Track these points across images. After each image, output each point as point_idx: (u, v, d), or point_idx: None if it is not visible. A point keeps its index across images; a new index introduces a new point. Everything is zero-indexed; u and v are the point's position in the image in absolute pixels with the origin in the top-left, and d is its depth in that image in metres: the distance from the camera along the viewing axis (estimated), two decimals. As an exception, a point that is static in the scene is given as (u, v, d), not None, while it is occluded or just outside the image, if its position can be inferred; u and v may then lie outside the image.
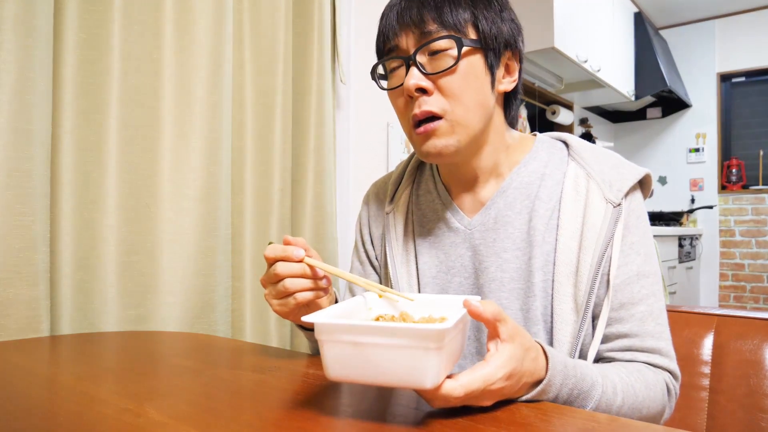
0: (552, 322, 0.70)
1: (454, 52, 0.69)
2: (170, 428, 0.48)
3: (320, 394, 0.59)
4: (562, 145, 0.81)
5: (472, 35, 0.71)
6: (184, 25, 1.28)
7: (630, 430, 0.49)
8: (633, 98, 4.04)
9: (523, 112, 3.41)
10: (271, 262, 0.65)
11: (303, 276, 0.64)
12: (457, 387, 0.47)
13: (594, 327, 0.71)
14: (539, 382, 0.55)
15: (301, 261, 0.64)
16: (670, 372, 0.70)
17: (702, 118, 4.61)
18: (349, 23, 1.88)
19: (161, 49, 1.24)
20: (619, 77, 3.73)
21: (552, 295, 0.71)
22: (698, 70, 4.61)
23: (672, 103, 4.59)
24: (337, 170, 1.83)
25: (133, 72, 1.20)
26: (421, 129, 0.71)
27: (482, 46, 0.71)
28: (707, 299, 4.47)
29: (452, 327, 0.46)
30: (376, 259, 0.91)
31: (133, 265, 1.19)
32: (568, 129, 4.06)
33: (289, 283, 0.64)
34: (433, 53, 0.70)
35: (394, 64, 0.74)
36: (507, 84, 0.76)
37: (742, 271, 4.39)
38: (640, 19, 4.08)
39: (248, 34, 1.50)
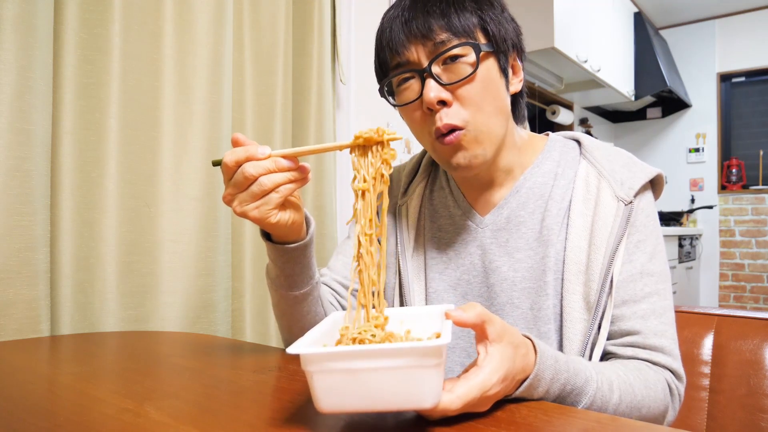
0: (562, 320, 0.70)
1: (470, 58, 0.67)
2: (170, 428, 0.48)
3: (320, 394, 0.59)
4: (575, 144, 0.80)
5: (483, 39, 0.69)
6: (184, 25, 1.28)
7: (631, 431, 0.49)
8: (633, 98, 4.04)
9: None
10: (234, 167, 0.58)
11: (279, 170, 0.59)
12: (455, 399, 0.46)
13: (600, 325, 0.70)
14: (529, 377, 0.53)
15: (268, 157, 0.58)
16: (672, 371, 0.69)
17: (702, 118, 4.61)
18: (349, 23, 1.88)
19: (161, 49, 1.24)
20: (619, 77, 3.73)
21: (562, 293, 0.71)
22: (698, 70, 4.61)
23: (672, 103, 4.60)
24: (337, 170, 1.83)
25: (133, 72, 1.20)
26: (447, 140, 0.69)
27: (494, 49, 0.70)
28: (707, 299, 4.47)
29: (449, 341, 0.44)
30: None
31: (133, 265, 1.19)
32: (568, 129, 4.06)
33: (266, 180, 0.58)
34: (447, 63, 0.68)
35: (404, 77, 0.71)
36: (516, 84, 0.76)
37: (742, 271, 4.39)
38: (640, 19, 4.08)
39: (248, 34, 1.50)
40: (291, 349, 0.44)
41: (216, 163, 0.61)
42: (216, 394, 0.59)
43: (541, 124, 3.81)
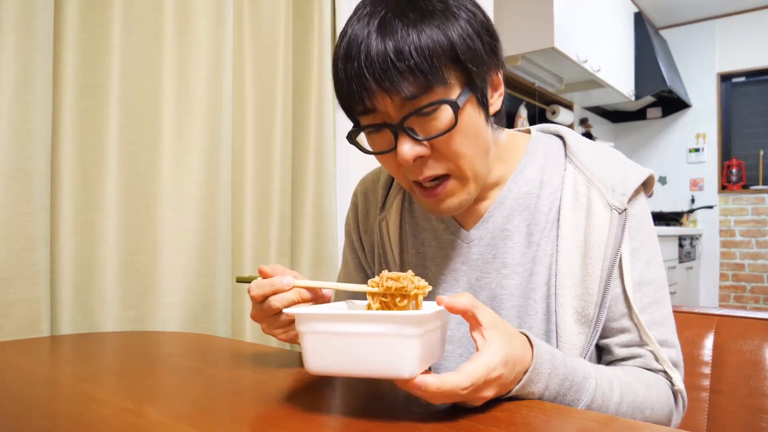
0: (557, 337, 0.68)
1: (448, 112, 0.60)
2: (170, 428, 0.48)
3: (320, 394, 0.59)
4: (559, 143, 0.76)
5: (457, 80, 0.60)
6: (184, 25, 1.28)
7: (630, 431, 0.49)
8: (633, 98, 4.04)
9: (524, 112, 3.41)
10: (260, 299, 0.62)
11: (302, 301, 0.62)
12: (464, 378, 0.46)
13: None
14: (527, 371, 0.53)
15: (291, 288, 0.61)
16: (675, 379, 0.67)
17: (702, 118, 4.61)
18: (349, 23, 1.88)
19: (161, 49, 1.23)
20: (619, 77, 3.73)
21: (555, 309, 0.68)
22: (698, 70, 4.61)
23: (672, 103, 4.60)
24: (337, 170, 1.83)
25: (133, 72, 1.20)
26: (432, 195, 0.65)
27: (472, 89, 0.61)
28: (707, 299, 4.47)
29: (432, 315, 0.47)
30: (368, 266, 0.88)
31: (133, 266, 1.19)
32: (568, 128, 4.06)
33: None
34: (421, 115, 0.60)
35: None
36: (497, 102, 0.68)
37: (742, 271, 4.38)
38: (640, 19, 4.08)
39: (248, 34, 1.50)
40: (288, 309, 0.49)
41: (240, 281, 0.67)
42: (216, 394, 0.59)
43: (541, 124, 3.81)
